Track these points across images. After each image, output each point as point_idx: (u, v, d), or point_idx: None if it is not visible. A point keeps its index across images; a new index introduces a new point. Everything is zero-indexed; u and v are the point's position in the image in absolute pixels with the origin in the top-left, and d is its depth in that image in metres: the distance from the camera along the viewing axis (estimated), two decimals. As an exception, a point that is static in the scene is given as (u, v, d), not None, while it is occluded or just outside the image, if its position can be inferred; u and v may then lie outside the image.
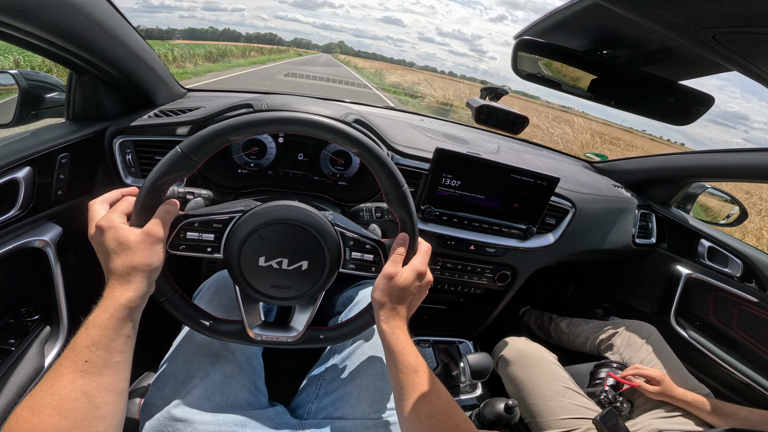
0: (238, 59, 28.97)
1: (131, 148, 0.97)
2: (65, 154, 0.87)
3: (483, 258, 1.26)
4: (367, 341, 0.82)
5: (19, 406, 0.46)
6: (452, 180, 1.11)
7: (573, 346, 1.54)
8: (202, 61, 21.61)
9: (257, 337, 0.67)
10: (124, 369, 0.53)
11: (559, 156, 1.91)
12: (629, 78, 0.74)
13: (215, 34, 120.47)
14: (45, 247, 0.82)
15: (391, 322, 0.64)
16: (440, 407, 0.58)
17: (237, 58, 30.05)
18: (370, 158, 0.62)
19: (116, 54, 0.88)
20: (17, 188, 0.77)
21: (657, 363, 1.23)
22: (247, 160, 1.07)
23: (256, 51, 40.80)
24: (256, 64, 26.88)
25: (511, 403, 0.93)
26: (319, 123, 0.60)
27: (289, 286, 0.64)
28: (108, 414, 0.50)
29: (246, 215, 0.63)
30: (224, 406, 0.67)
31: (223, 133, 0.57)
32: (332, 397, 0.75)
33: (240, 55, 32.23)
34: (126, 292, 0.53)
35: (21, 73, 0.94)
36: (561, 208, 1.30)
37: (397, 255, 0.66)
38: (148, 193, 0.56)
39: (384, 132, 1.11)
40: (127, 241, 0.54)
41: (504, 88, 1.09)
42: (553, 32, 0.73)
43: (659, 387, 1.09)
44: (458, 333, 1.48)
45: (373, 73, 38.40)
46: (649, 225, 1.63)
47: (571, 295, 2.04)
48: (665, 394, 1.09)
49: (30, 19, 0.65)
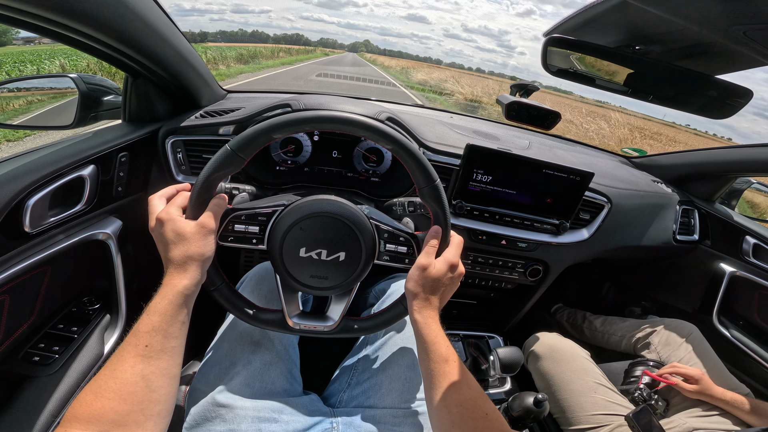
0: (267, 60, 29.41)
1: (181, 147, 1.04)
2: (124, 153, 0.95)
3: (514, 253, 1.26)
4: (399, 332, 0.85)
5: (83, 390, 0.49)
6: (483, 175, 1.12)
7: (607, 345, 1.51)
8: (234, 63, 22.14)
9: (296, 326, 0.70)
10: (179, 354, 0.57)
11: (593, 151, 1.86)
12: (664, 73, 0.73)
13: (245, 36, 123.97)
14: (107, 240, 0.90)
15: (424, 312, 0.65)
16: (470, 397, 0.59)
17: (266, 59, 30.49)
18: (403, 154, 0.64)
19: (168, 58, 0.94)
20: (83, 185, 0.84)
21: (696, 362, 1.19)
22: (284, 158, 1.13)
23: (284, 52, 41.12)
24: (285, 65, 27.22)
25: (541, 397, 0.93)
26: (355, 121, 0.62)
27: (327, 277, 0.68)
28: (162, 398, 0.53)
29: (288, 208, 0.66)
30: (263, 393, 0.70)
31: (267, 131, 0.61)
32: (364, 386, 0.77)
33: (269, 56, 32.69)
34: (183, 280, 0.57)
35: (80, 77, 0.99)
36: (596, 203, 1.27)
37: (430, 247, 0.67)
38: (202, 188, 0.61)
39: (415, 129, 1.13)
40: (183, 232, 0.59)
41: (535, 84, 1.09)
42: (583, 29, 0.73)
43: (698, 386, 1.07)
44: (488, 328, 1.49)
45: (399, 71, 37.89)
46: (692, 221, 1.57)
47: (607, 293, 1.99)
48: (703, 393, 1.06)
49: (100, 26, 0.72)
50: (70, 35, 0.72)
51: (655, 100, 0.77)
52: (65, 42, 0.75)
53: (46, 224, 0.76)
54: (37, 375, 0.78)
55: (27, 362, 0.79)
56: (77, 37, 0.74)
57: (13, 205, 0.68)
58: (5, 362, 0.77)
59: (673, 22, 0.40)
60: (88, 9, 0.66)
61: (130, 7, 0.74)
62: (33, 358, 0.79)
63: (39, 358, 0.80)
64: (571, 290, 2.04)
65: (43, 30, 0.68)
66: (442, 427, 0.59)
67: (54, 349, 0.82)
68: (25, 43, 26.17)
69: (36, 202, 0.72)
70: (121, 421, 0.48)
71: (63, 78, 1.02)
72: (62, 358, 0.81)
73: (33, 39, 29.20)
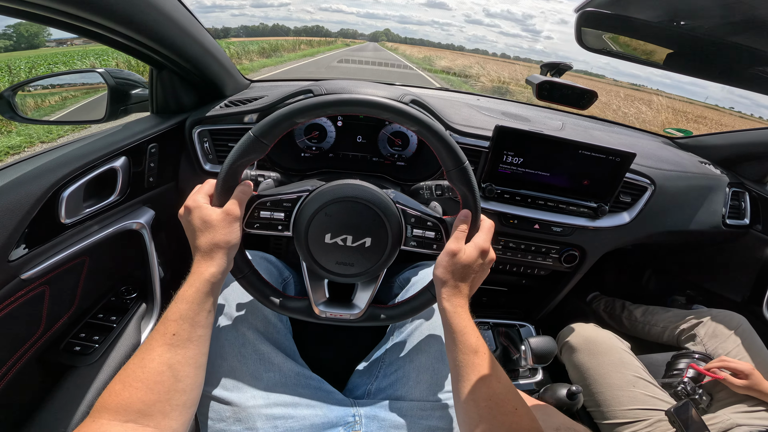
0: (289, 53, 29.42)
1: (208, 136, 1.05)
2: (154, 144, 0.97)
3: (548, 237, 1.21)
4: (427, 320, 0.82)
5: (113, 380, 0.50)
6: (514, 157, 1.07)
7: (648, 336, 1.44)
8: (257, 57, 22.44)
9: (322, 313, 0.69)
10: (205, 343, 0.57)
11: (633, 132, 1.76)
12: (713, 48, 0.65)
13: (266, 30, 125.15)
14: (141, 229, 0.92)
15: (453, 300, 0.63)
16: (499, 390, 0.56)
17: (288, 52, 30.48)
18: (430, 136, 0.62)
19: (190, 50, 0.95)
20: (116, 176, 0.86)
21: (745, 356, 1.11)
22: (309, 144, 1.12)
23: (305, 44, 41.01)
24: (306, 57, 27.16)
25: (575, 389, 0.89)
26: (378, 103, 0.60)
27: (353, 263, 0.66)
28: (188, 387, 0.53)
29: (313, 194, 0.65)
30: (273, 385, 0.68)
31: (290, 116, 0.60)
32: (391, 378, 0.76)
33: (291, 49, 32.68)
34: (210, 268, 0.57)
35: (107, 71, 1.01)
36: (638, 185, 1.20)
37: (459, 232, 0.64)
38: (227, 175, 0.61)
39: (441, 111, 1.09)
40: (209, 219, 0.59)
41: (567, 63, 1.02)
42: (619, 2, 0.67)
43: (747, 381, 1.00)
44: (520, 316, 1.44)
45: (422, 59, 37.30)
46: (742, 204, 1.46)
47: (648, 281, 1.89)
48: (752, 388, 0.99)
49: (122, 20, 0.73)
50: (95, 30, 0.73)
51: (702, 75, 0.70)
52: (90, 36, 0.77)
53: (82, 215, 0.78)
54: (78, 364, 0.80)
55: (69, 352, 0.81)
56: (101, 32, 0.75)
57: (49, 196, 0.70)
58: (48, 352, 0.80)
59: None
60: (110, 4, 0.67)
61: (151, 3, 0.75)
62: (74, 348, 0.82)
63: (80, 347, 0.82)
64: (609, 277, 1.95)
65: (71, 26, 0.70)
66: (470, 422, 0.56)
67: (94, 339, 0.85)
68: (57, 44, 27.31)
69: (71, 194, 0.74)
70: (147, 411, 0.48)
71: (91, 73, 1.04)
72: (102, 347, 0.84)
73: (65, 41, 30.30)
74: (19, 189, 0.66)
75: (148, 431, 0.47)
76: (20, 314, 0.70)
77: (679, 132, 1.83)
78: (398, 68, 20.37)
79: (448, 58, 38.33)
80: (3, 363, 0.69)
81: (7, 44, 29.56)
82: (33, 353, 0.75)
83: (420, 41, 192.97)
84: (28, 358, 0.74)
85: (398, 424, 0.67)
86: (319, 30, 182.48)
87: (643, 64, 0.79)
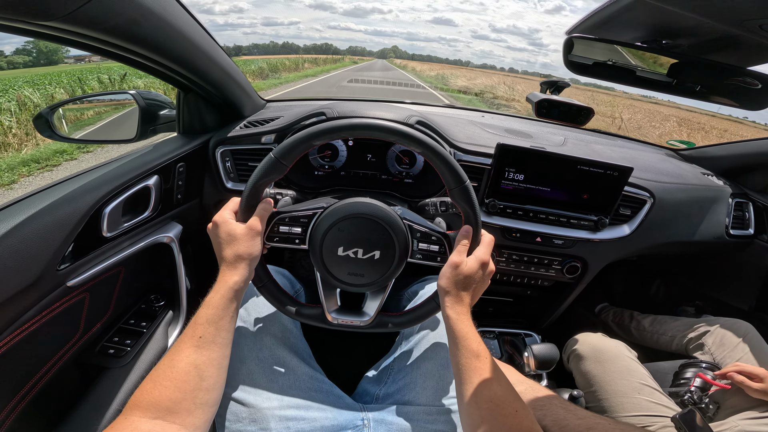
0: (289, 73, 25.68)
1: (230, 156, 1.13)
2: (182, 164, 1.04)
3: (550, 250, 1.25)
4: (433, 330, 0.87)
5: (145, 379, 0.54)
6: (516, 174, 1.12)
7: (657, 345, 1.44)
8: (251, 78, 20.07)
9: (334, 320, 0.75)
10: (227, 346, 0.61)
11: (636, 144, 1.79)
12: (694, 67, 0.71)
13: (276, 48, 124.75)
14: (170, 243, 1.00)
15: (456, 308, 0.67)
16: (500, 393, 0.59)
17: (289, 71, 26.83)
18: (433, 157, 0.66)
19: (214, 74, 1.02)
20: (149, 193, 0.94)
21: (754, 363, 1.12)
22: (321, 163, 1.18)
23: (310, 62, 36.79)
24: (308, 77, 23.07)
25: (576, 394, 0.91)
26: (384, 127, 0.66)
27: (364, 274, 0.72)
28: (211, 387, 0.56)
29: (327, 211, 0.71)
30: (288, 388, 0.72)
31: (306, 139, 0.66)
32: (399, 384, 0.79)
33: (293, 68, 29.07)
34: (233, 277, 0.63)
35: (138, 93, 1.06)
36: (637, 198, 1.23)
37: (461, 246, 0.69)
38: (250, 194, 0.67)
39: (446, 131, 1.15)
40: (234, 233, 0.65)
41: (565, 81, 1.08)
42: (605, 27, 0.73)
43: (763, 384, 1.00)
44: (525, 326, 1.47)
45: (434, 77, 34.14)
46: (746, 215, 1.48)
47: (656, 292, 1.90)
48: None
49: (156, 49, 0.80)
50: (132, 57, 0.81)
51: (684, 93, 0.75)
52: (126, 62, 0.84)
53: (120, 229, 0.86)
54: (111, 366, 0.87)
55: (103, 354, 0.88)
56: (138, 59, 0.83)
57: (93, 212, 0.78)
58: (84, 354, 0.86)
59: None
60: (144, 34, 0.75)
61: (179, 30, 0.82)
62: (108, 350, 0.89)
63: (113, 350, 0.89)
64: (617, 289, 1.96)
65: (111, 53, 0.77)
66: (472, 423, 0.59)
67: (126, 343, 0.91)
68: (76, 61, 27.60)
69: (112, 210, 0.82)
70: (174, 409, 0.51)
71: (124, 94, 1.11)
72: (133, 350, 0.90)
73: (83, 57, 30.47)
74: (68, 205, 0.74)
75: (174, 428, 0.50)
76: (63, 318, 0.77)
77: (682, 143, 1.85)
78: (410, 87, 19.63)
79: (465, 77, 34.62)
80: (44, 363, 0.76)
81: (26, 60, 29.83)
82: (71, 355, 0.82)
83: (428, 57, 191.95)
84: (67, 359, 0.81)
85: (405, 428, 0.70)
86: (327, 48, 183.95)
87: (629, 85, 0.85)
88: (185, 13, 0.82)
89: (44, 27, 0.60)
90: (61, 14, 0.56)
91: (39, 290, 0.70)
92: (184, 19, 0.82)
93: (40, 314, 0.71)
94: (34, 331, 0.70)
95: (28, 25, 0.59)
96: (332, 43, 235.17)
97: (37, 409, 0.75)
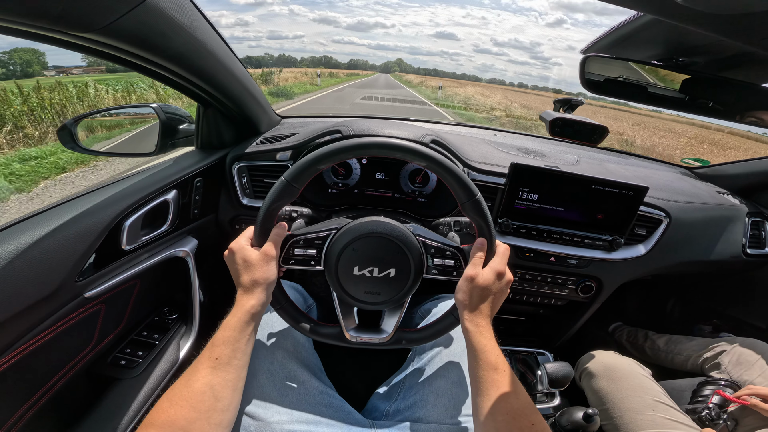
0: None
1: (246, 172, 1.14)
2: (199, 179, 1.06)
3: (564, 269, 1.23)
4: (447, 348, 0.86)
5: (162, 398, 0.54)
6: (529, 194, 1.12)
7: (672, 365, 1.41)
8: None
9: (353, 338, 0.74)
10: (243, 368, 0.62)
11: (650, 163, 1.77)
12: (707, 83, 0.71)
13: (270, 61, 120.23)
14: (186, 257, 1.01)
15: (475, 321, 0.66)
16: (517, 406, 0.58)
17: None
18: (442, 171, 0.67)
19: (235, 90, 1.04)
20: (168, 208, 0.96)
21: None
22: (335, 181, 1.19)
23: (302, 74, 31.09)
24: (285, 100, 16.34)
25: (591, 412, 0.89)
26: (391, 144, 0.67)
27: (380, 292, 0.72)
28: (225, 407, 0.57)
29: (340, 231, 0.72)
30: (297, 402, 0.72)
31: (317, 161, 0.67)
32: (410, 400, 0.78)
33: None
34: (250, 301, 0.64)
35: (160, 107, 1.08)
36: (653, 218, 1.22)
37: (476, 258, 0.69)
38: (264, 219, 0.68)
39: (459, 150, 1.16)
40: (250, 259, 0.66)
41: (579, 99, 1.09)
42: (621, 45, 0.74)
43: None
44: (537, 345, 1.45)
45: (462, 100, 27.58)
46: (763, 234, 1.45)
47: (672, 310, 1.86)
48: None
49: (182, 64, 0.83)
50: (158, 71, 0.83)
51: (698, 111, 0.75)
52: (153, 77, 0.86)
53: (139, 242, 0.88)
54: (122, 377, 0.87)
55: (115, 365, 0.89)
56: (163, 72, 0.85)
57: (114, 225, 0.80)
58: (95, 365, 0.87)
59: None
60: (173, 48, 0.77)
61: (205, 45, 0.84)
62: (120, 362, 0.90)
63: (125, 362, 0.90)
64: (631, 308, 1.93)
65: (136, 66, 0.79)
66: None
67: (138, 354, 0.92)
68: (57, 73, 27.34)
69: (132, 223, 0.84)
70: (188, 428, 0.52)
71: (146, 107, 1.12)
72: (145, 362, 0.91)
73: (64, 69, 29.75)
74: (90, 217, 0.76)
75: None
76: (78, 329, 0.78)
77: (697, 162, 1.84)
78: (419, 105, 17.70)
79: (500, 95, 30.09)
80: (56, 372, 0.76)
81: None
82: (83, 365, 0.83)
83: (434, 71, 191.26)
84: (78, 369, 0.81)
85: None
86: (328, 61, 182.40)
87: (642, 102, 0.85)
88: (210, 29, 0.85)
89: (80, 39, 0.63)
90: (98, 26, 0.59)
91: (57, 301, 0.71)
92: (210, 35, 0.85)
93: (56, 324, 0.72)
94: (49, 340, 0.71)
95: (66, 36, 0.61)
96: (334, 57, 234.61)
97: (47, 417, 0.75)
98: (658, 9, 0.39)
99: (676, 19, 0.39)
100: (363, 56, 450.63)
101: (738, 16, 0.36)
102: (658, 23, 0.63)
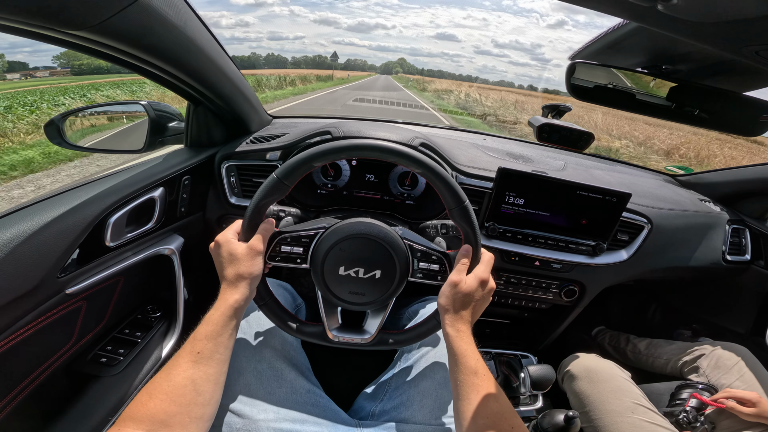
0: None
1: (234, 171, 1.14)
2: (187, 177, 1.05)
3: (549, 273, 1.25)
4: (434, 348, 0.87)
5: (141, 391, 0.54)
6: (516, 198, 1.13)
7: (652, 368, 1.44)
8: None
9: (335, 338, 0.75)
10: (225, 362, 0.62)
11: (635, 170, 1.81)
12: (692, 91, 0.73)
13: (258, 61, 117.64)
14: (171, 255, 1.00)
15: (456, 326, 0.67)
16: (497, 409, 0.59)
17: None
18: (432, 177, 0.68)
19: (226, 89, 1.04)
20: (154, 205, 0.95)
21: (749, 386, 1.12)
22: (324, 181, 1.19)
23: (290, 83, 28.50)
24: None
25: (571, 414, 0.90)
26: (385, 148, 0.68)
27: (365, 293, 0.73)
28: (206, 401, 0.57)
29: (328, 231, 0.72)
30: (284, 401, 0.72)
31: (308, 160, 0.67)
32: (396, 401, 0.79)
33: (275, 87, 23.62)
34: (234, 295, 0.64)
35: (149, 104, 1.07)
36: (635, 224, 1.25)
37: (461, 264, 0.70)
38: (252, 213, 0.68)
39: (448, 153, 1.17)
40: (235, 253, 0.66)
41: (567, 105, 1.10)
42: (607, 53, 0.76)
43: (756, 408, 1.01)
44: (522, 347, 1.46)
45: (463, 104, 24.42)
46: (743, 241, 1.49)
47: (653, 315, 1.90)
48: (762, 416, 1.00)
49: (173, 61, 0.82)
50: (149, 69, 0.83)
51: (681, 119, 0.77)
52: (145, 75, 0.86)
53: (124, 239, 0.87)
54: (102, 375, 0.86)
55: (95, 363, 0.88)
56: (154, 71, 0.85)
57: (98, 221, 0.79)
58: (75, 362, 0.86)
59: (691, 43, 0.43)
60: (165, 46, 0.77)
61: (197, 44, 0.84)
62: (100, 359, 0.88)
63: (106, 359, 0.89)
64: (614, 312, 1.96)
65: (127, 64, 0.79)
66: None
67: (119, 352, 0.91)
68: (22, 77, 26.75)
69: (116, 220, 0.83)
70: (168, 422, 0.52)
71: (135, 104, 1.11)
72: (126, 360, 0.90)
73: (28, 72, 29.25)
74: (74, 214, 0.75)
75: None
76: (58, 325, 0.77)
77: (680, 169, 1.88)
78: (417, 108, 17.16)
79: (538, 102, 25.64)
80: (35, 368, 0.75)
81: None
82: (62, 362, 0.81)
83: (439, 73, 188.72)
84: (58, 366, 0.80)
85: None
86: (321, 61, 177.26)
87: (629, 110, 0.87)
88: (203, 28, 0.85)
89: (73, 36, 0.63)
90: (90, 24, 0.58)
91: (37, 297, 0.70)
92: (202, 34, 0.85)
93: (36, 320, 0.71)
94: (29, 336, 0.70)
95: (58, 33, 0.61)
96: (326, 57, 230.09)
97: (25, 413, 0.74)
98: (641, 16, 0.40)
99: (658, 26, 0.40)
100: (364, 57, 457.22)
101: (718, 24, 0.37)
102: (644, 30, 0.65)
